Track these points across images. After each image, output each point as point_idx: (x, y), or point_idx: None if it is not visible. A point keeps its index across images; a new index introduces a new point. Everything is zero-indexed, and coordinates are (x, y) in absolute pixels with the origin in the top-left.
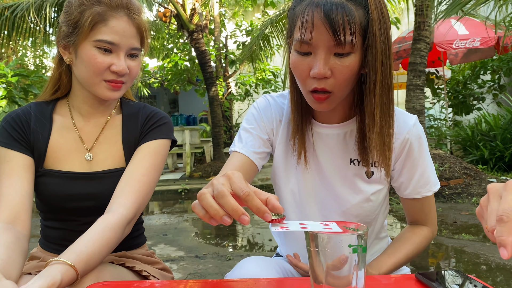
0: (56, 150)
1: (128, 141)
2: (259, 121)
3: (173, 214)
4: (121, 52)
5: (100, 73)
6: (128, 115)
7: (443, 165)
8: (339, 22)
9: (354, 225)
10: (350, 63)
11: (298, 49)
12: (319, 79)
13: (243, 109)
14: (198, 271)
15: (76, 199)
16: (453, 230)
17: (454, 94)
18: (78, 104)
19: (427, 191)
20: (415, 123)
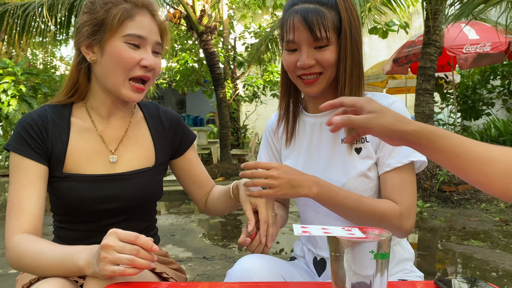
0: (76, 154)
1: (160, 140)
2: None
3: (180, 215)
4: (148, 47)
5: (129, 69)
6: (150, 115)
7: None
8: (313, 22)
9: (377, 231)
10: (329, 52)
11: (286, 48)
12: (305, 69)
13: (251, 110)
14: (206, 272)
15: (100, 202)
16: (461, 236)
17: (463, 99)
18: (97, 106)
19: (397, 162)
20: (395, 101)
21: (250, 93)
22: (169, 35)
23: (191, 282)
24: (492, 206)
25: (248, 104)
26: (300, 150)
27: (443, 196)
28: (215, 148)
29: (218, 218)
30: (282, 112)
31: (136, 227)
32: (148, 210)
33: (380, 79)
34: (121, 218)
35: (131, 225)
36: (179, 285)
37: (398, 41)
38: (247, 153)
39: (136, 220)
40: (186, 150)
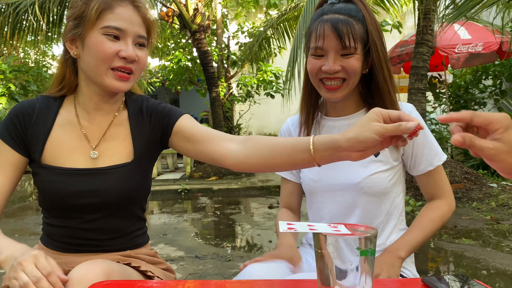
0: (57, 146)
1: (138, 136)
2: None
3: (173, 214)
4: (128, 39)
5: (108, 60)
6: (133, 112)
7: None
8: (343, 31)
9: (363, 228)
10: (354, 60)
11: (314, 54)
12: (330, 73)
13: (244, 110)
14: (198, 271)
15: (79, 196)
16: (453, 235)
17: (455, 99)
18: (83, 101)
19: (438, 160)
20: (412, 109)
21: (243, 93)
22: (156, 28)
23: (178, 280)
24: (484, 205)
25: (241, 104)
26: None
27: None
28: None
29: (211, 217)
30: (303, 117)
31: (122, 224)
32: (132, 207)
33: None
34: (102, 214)
35: (116, 223)
36: (165, 284)
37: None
38: None
39: (119, 217)
40: (173, 126)
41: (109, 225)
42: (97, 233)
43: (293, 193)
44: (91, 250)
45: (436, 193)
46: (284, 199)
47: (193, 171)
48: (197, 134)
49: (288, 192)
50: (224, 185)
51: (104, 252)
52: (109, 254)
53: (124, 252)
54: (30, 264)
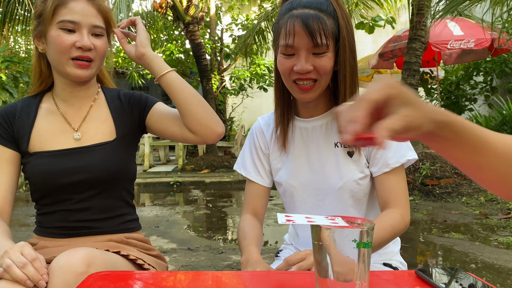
0: (42, 133)
1: (119, 117)
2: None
3: (165, 207)
4: (83, 30)
5: (66, 51)
6: (111, 97)
7: (434, 164)
8: (315, 28)
9: (360, 220)
10: (327, 59)
11: (284, 52)
12: (302, 73)
13: (237, 103)
14: (191, 263)
15: (68, 173)
16: (442, 229)
17: (446, 95)
18: (59, 92)
19: (395, 162)
20: None
21: (236, 86)
22: (113, 16)
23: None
24: (473, 200)
25: (234, 97)
26: (294, 154)
27: (426, 189)
28: None
29: (203, 210)
30: (278, 118)
31: (111, 205)
32: (120, 187)
33: (365, 73)
34: (92, 192)
35: (105, 202)
36: (160, 274)
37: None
38: (233, 145)
39: (108, 197)
40: (149, 110)
41: (99, 204)
42: (88, 213)
43: (260, 196)
44: (84, 233)
45: (390, 200)
46: (250, 203)
47: (185, 164)
48: (170, 115)
49: (254, 195)
50: (216, 178)
51: (97, 235)
52: (102, 237)
53: (117, 236)
54: (16, 252)
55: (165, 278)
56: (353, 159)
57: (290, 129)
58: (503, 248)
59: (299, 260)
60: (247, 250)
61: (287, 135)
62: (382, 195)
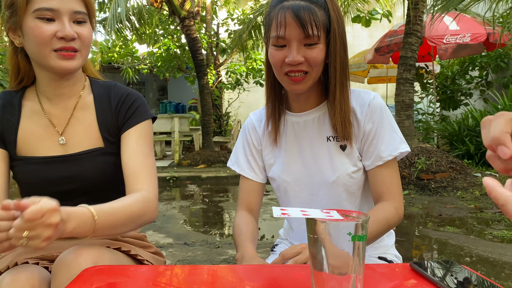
0: (27, 137)
1: (104, 123)
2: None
3: (162, 202)
4: (64, 17)
5: (47, 43)
6: (99, 95)
7: (430, 158)
8: (306, 19)
9: (355, 214)
10: (318, 51)
11: (275, 44)
12: (294, 65)
13: (233, 98)
14: (187, 258)
15: (56, 183)
16: (438, 223)
17: (442, 89)
18: (43, 89)
19: (388, 155)
20: (375, 96)
21: (233, 81)
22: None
23: (168, 265)
24: (468, 194)
25: (230, 92)
26: (287, 149)
27: (421, 184)
28: (197, 135)
29: (200, 205)
30: (269, 112)
31: None
32: (112, 190)
33: (362, 68)
34: (83, 199)
35: None
36: (156, 268)
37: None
38: (229, 140)
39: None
40: (126, 130)
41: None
42: None
43: (254, 192)
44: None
45: (383, 193)
46: (244, 199)
47: (182, 159)
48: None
49: (249, 191)
50: (212, 173)
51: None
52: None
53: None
54: None
55: (162, 272)
56: (345, 152)
57: (281, 123)
58: (498, 241)
59: (295, 254)
60: (242, 247)
61: (278, 129)
62: (375, 188)
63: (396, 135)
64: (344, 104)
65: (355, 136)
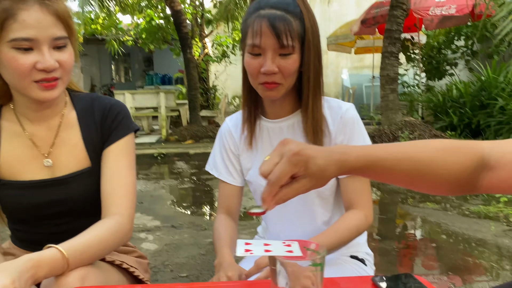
0: (10, 160)
1: (90, 141)
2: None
3: (149, 181)
4: (43, 47)
5: (26, 75)
6: (82, 110)
7: (413, 132)
8: (281, 29)
9: (314, 245)
10: (292, 61)
11: (250, 52)
12: (268, 74)
13: (220, 71)
14: (174, 242)
15: (44, 207)
16: (418, 199)
17: (428, 60)
18: (22, 110)
19: None
20: (348, 108)
21: (219, 53)
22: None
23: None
24: None
25: (217, 64)
26: (263, 154)
27: None
28: (184, 109)
29: (188, 184)
30: (245, 117)
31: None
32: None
33: (348, 39)
34: (70, 218)
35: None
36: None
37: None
38: (217, 114)
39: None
40: (108, 146)
41: (78, 225)
42: (68, 233)
43: (233, 196)
44: None
45: (354, 202)
46: (223, 202)
47: (169, 135)
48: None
49: (228, 195)
50: (200, 149)
51: None
52: None
53: None
54: None
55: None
56: None
57: (257, 128)
58: (474, 217)
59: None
60: (220, 253)
61: (254, 133)
62: (346, 197)
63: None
64: (316, 113)
65: (326, 144)
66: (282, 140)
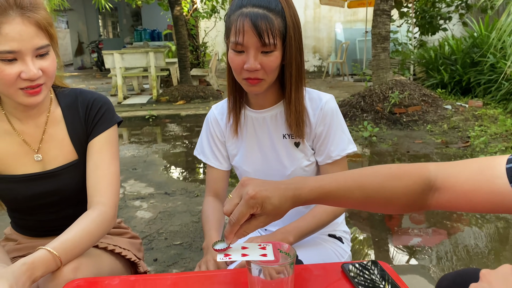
0: (3, 157)
1: (76, 135)
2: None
3: (141, 145)
4: (26, 57)
5: (11, 84)
6: (67, 106)
7: (403, 92)
8: (263, 28)
9: (286, 246)
10: (274, 58)
11: (234, 49)
12: (251, 71)
13: (210, 27)
14: (168, 209)
15: (37, 198)
16: (404, 161)
17: (422, 14)
18: (10, 110)
19: (336, 155)
20: (328, 100)
21: (208, 8)
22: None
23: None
24: (437, 127)
25: (207, 20)
26: (247, 142)
27: (393, 118)
28: (174, 68)
29: (179, 148)
30: (230, 107)
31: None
32: None
33: None
34: (63, 206)
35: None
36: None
37: None
38: (207, 73)
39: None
40: (92, 138)
41: (72, 211)
42: (60, 219)
43: (220, 179)
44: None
45: None
46: (211, 186)
47: (160, 95)
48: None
49: (215, 179)
50: (191, 110)
51: None
52: None
53: None
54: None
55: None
56: (299, 148)
57: (242, 117)
58: None
59: None
60: (208, 236)
61: (239, 121)
62: None
63: (345, 137)
64: (298, 106)
65: (308, 134)
66: (242, 181)
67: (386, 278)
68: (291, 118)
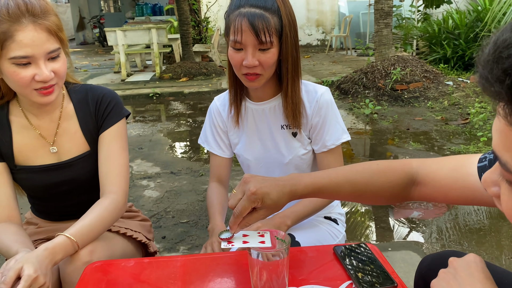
0: (22, 150)
1: (87, 128)
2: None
3: (147, 124)
4: (39, 61)
5: (26, 86)
6: (78, 102)
7: (405, 68)
8: (259, 27)
9: (282, 234)
10: (271, 55)
11: (233, 46)
12: (250, 67)
13: (212, 1)
14: (174, 188)
15: (54, 187)
16: (404, 139)
17: None
18: (27, 107)
19: (331, 144)
20: (323, 93)
21: None
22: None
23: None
24: (437, 104)
25: None
26: (248, 132)
27: (395, 94)
28: (176, 45)
29: (184, 127)
30: (231, 99)
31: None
32: None
33: None
34: (79, 192)
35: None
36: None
37: None
38: (209, 49)
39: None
40: (102, 132)
41: (88, 197)
42: (76, 206)
43: (223, 166)
44: (77, 217)
45: None
46: (215, 172)
47: (163, 72)
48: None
49: (218, 165)
50: (195, 87)
51: None
52: None
53: None
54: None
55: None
56: (297, 138)
57: (242, 108)
58: None
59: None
60: (213, 219)
61: (240, 113)
62: (322, 169)
63: (339, 126)
64: (295, 98)
65: (304, 125)
66: (244, 178)
67: (373, 259)
68: (288, 110)
